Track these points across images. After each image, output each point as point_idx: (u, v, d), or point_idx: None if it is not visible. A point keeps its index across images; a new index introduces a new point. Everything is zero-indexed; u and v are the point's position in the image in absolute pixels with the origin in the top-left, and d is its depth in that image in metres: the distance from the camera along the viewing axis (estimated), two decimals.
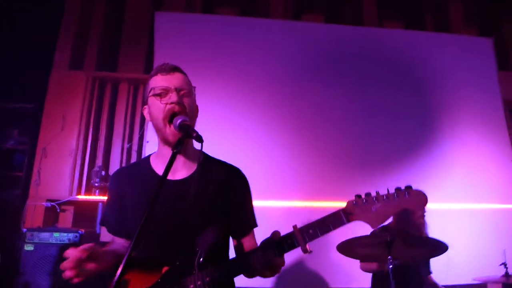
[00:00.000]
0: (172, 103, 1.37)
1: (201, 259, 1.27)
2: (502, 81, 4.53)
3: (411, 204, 1.20)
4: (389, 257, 2.23)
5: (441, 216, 3.55)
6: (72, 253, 1.20)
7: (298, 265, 3.56)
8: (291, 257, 3.76)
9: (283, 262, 1.25)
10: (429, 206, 2.79)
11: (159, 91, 1.40)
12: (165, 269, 1.30)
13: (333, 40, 4.31)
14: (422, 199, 1.20)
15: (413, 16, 4.93)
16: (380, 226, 1.19)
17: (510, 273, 2.62)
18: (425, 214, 2.88)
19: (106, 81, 4.24)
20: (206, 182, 1.41)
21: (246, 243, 1.49)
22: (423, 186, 3.06)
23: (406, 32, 4.68)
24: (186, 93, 1.43)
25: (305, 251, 1.20)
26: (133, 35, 4.40)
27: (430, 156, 4.06)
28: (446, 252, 2.32)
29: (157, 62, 3.92)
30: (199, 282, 1.25)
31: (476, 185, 4.01)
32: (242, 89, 3.97)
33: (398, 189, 1.21)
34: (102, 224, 1.59)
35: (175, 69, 1.46)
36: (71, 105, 4.00)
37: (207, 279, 1.25)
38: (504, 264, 2.62)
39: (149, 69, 4.17)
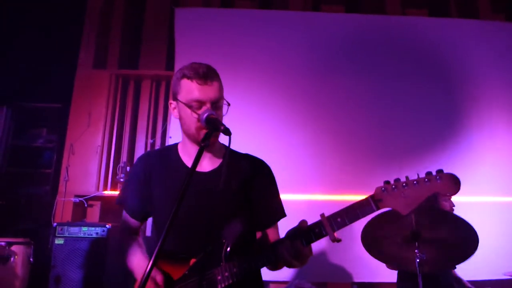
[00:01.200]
0: None
1: (228, 250, 1.27)
2: None
3: (443, 188, 1.12)
4: (416, 251, 2.17)
5: (469, 209, 3.43)
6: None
7: (321, 258, 3.55)
8: (315, 249, 3.73)
9: (311, 252, 1.24)
10: (457, 199, 2.74)
11: (194, 104, 1.36)
12: (192, 261, 1.31)
13: (354, 30, 4.22)
14: (454, 182, 1.11)
15: (437, 2, 4.77)
16: (409, 213, 1.13)
17: None
18: (454, 208, 2.79)
19: (129, 78, 4.33)
20: (232, 175, 1.41)
21: (270, 235, 1.48)
22: None
23: (430, 20, 4.53)
24: (220, 105, 1.40)
25: (333, 240, 1.18)
26: (153, 32, 4.46)
27: (457, 148, 3.94)
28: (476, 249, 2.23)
29: (178, 58, 3.96)
30: (226, 274, 1.26)
31: (505, 177, 3.87)
32: (263, 82, 3.96)
33: (428, 173, 1.14)
34: (119, 203, 1.57)
35: (212, 76, 1.39)
36: (96, 103, 4.11)
37: (234, 270, 1.25)
38: None
39: (170, 66, 4.22)
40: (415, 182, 1.15)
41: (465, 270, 2.92)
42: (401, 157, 3.78)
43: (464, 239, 2.28)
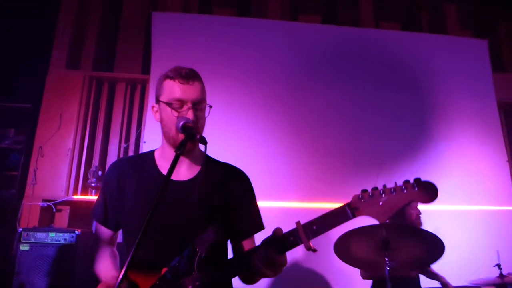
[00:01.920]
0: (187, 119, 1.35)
1: (201, 259, 1.25)
2: (496, 83, 4.57)
3: (420, 196, 1.13)
4: (385, 259, 2.23)
5: (436, 218, 3.57)
6: None
7: (299, 266, 3.57)
8: (292, 259, 3.76)
9: (285, 261, 1.21)
10: (425, 208, 2.83)
11: (176, 104, 1.36)
12: (164, 270, 1.29)
13: (330, 41, 4.32)
14: (432, 190, 1.12)
15: (410, 17, 4.96)
16: (385, 220, 1.13)
17: (504, 274, 2.65)
18: (420, 215, 2.89)
19: (103, 80, 4.23)
20: (209, 184, 1.41)
21: (247, 246, 1.47)
22: None
23: (402, 33, 4.71)
24: (201, 107, 1.41)
25: (308, 248, 1.16)
26: (130, 35, 4.39)
27: (426, 158, 4.08)
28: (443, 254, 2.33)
29: (154, 62, 3.92)
30: (197, 283, 1.23)
31: (471, 187, 4.04)
32: (238, 89, 3.97)
33: (406, 182, 1.14)
34: (93, 215, 1.53)
35: (194, 77, 1.42)
36: (68, 104, 3.99)
37: (206, 279, 1.24)
38: (498, 265, 2.64)
39: (146, 69, 4.16)
40: (392, 190, 1.15)
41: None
42: (374, 166, 3.87)
43: (431, 248, 2.39)
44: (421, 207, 2.89)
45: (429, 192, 1.12)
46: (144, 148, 3.78)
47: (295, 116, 3.99)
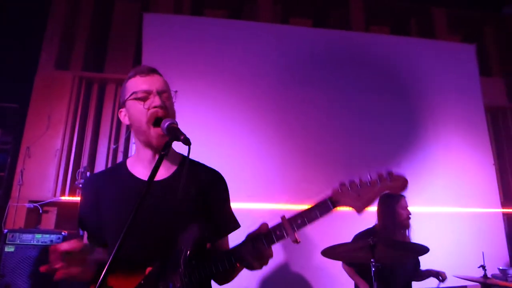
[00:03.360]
0: (155, 106, 1.36)
1: (187, 256, 1.25)
2: (484, 86, 4.65)
3: (393, 188, 1.24)
4: (372, 260, 2.27)
5: (424, 219, 3.62)
6: (64, 245, 1.20)
7: (282, 269, 3.58)
8: (275, 260, 3.75)
9: (271, 254, 1.26)
10: (413, 209, 2.87)
11: (141, 95, 1.38)
12: (148, 269, 1.28)
13: (321, 44, 4.36)
14: (403, 182, 1.24)
15: (399, 21, 5.03)
16: (364, 211, 1.24)
17: (488, 275, 2.68)
18: (410, 216, 2.93)
19: (93, 81, 4.21)
20: (187, 183, 1.40)
21: (223, 245, 1.48)
22: (407, 190, 3.12)
23: (392, 37, 4.78)
24: (168, 96, 1.43)
25: (294, 241, 1.22)
26: (121, 36, 4.38)
27: (414, 160, 4.13)
28: (426, 255, 2.38)
29: (145, 63, 3.90)
30: (185, 279, 1.24)
31: (457, 189, 4.10)
32: (229, 91, 3.98)
33: (380, 175, 1.26)
34: (81, 227, 1.52)
35: (153, 70, 1.45)
36: (57, 105, 3.95)
37: (193, 275, 1.25)
38: (483, 267, 2.68)
39: None
40: (368, 183, 1.25)
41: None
42: (363, 167, 3.90)
43: (416, 252, 2.46)
44: (410, 208, 2.93)
45: (401, 183, 1.25)
46: (133, 149, 3.76)
47: (286, 118, 4.01)
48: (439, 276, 2.89)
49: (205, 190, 1.45)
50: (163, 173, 1.44)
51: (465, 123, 4.41)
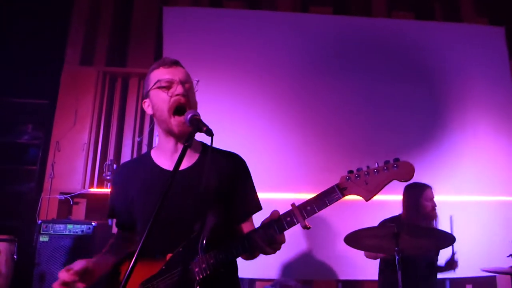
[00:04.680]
0: (177, 94, 1.41)
1: (204, 242, 1.30)
2: None
3: (399, 175, 1.23)
4: (396, 248, 2.25)
5: (451, 208, 3.54)
6: (62, 276, 1.25)
7: (306, 256, 3.61)
8: (299, 248, 3.78)
9: (283, 239, 1.29)
10: (439, 198, 2.82)
11: (164, 84, 1.43)
12: (169, 255, 1.34)
13: (342, 32, 4.28)
14: (409, 169, 1.23)
15: (423, 6, 4.86)
16: (371, 199, 1.24)
17: None
18: (436, 208, 2.88)
19: (116, 76, 4.31)
20: (208, 171, 1.44)
21: (246, 228, 1.51)
22: (433, 178, 3.06)
23: (415, 23, 4.62)
24: (190, 87, 1.47)
25: (304, 227, 1.24)
26: (142, 30, 4.44)
27: (440, 148, 4.03)
28: (454, 244, 2.34)
29: (166, 56, 3.94)
30: (203, 265, 1.29)
31: (485, 177, 3.98)
32: (250, 82, 3.99)
33: (386, 162, 1.25)
34: (111, 216, 1.62)
35: (176, 62, 1.50)
36: (83, 100, 4.08)
37: (211, 261, 1.29)
38: None
39: None
40: (375, 170, 1.25)
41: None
42: (386, 157, 3.82)
43: (441, 241, 2.42)
44: (436, 198, 2.88)
45: (407, 170, 1.23)
46: (157, 141, 3.84)
47: (307, 108, 3.99)
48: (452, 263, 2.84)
49: (226, 176, 1.49)
50: (185, 163, 1.47)
51: (494, 109, 4.25)
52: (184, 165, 1.46)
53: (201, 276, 1.28)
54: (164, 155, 1.49)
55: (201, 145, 1.55)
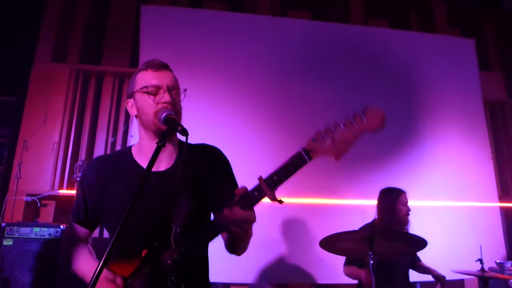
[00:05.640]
0: (164, 102, 1.37)
1: (177, 232, 1.26)
2: (483, 81, 4.65)
3: (369, 126, 1.13)
4: (370, 252, 2.27)
5: (423, 213, 3.63)
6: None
7: (282, 260, 3.60)
8: (276, 252, 3.76)
9: (250, 217, 1.18)
10: (411, 204, 2.88)
11: (151, 89, 1.39)
12: (144, 252, 1.31)
13: (320, 37, 4.33)
14: (378, 115, 1.12)
15: (399, 15, 5.00)
16: (341, 157, 1.12)
17: (486, 269, 2.70)
18: (409, 212, 2.94)
19: (90, 74, 4.17)
20: (186, 169, 1.42)
21: None
22: (405, 184, 3.12)
23: (391, 31, 4.75)
24: (177, 93, 1.44)
25: (273, 198, 1.16)
26: (118, 28, 4.33)
27: (413, 155, 4.13)
28: (425, 248, 2.39)
29: (143, 55, 3.88)
30: (175, 255, 1.26)
31: (456, 184, 4.11)
32: (227, 84, 3.95)
33: (354, 114, 1.14)
34: (72, 217, 1.51)
35: (165, 66, 1.46)
36: (54, 98, 3.92)
37: (182, 250, 1.26)
38: (480, 260, 2.69)
39: (134, 63, 4.13)
40: (342, 125, 1.15)
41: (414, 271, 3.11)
42: (362, 162, 3.88)
43: (414, 245, 2.47)
44: (409, 203, 2.94)
45: (375, 117, 1.12)
46: (132, 142, 3.75)
47: (283, 111, 3.99)
48: (439, 279, 2.89)
49: (202, 170, 1.47)
50: (165, 164, 1.46)
51: (464, 118, 4.41)
52: (164, 166, 1.45)
53: (173, 268, 1.25)
54: (145, 156, 1.44)
55: (178, 144, 1.51)
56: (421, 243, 2.38)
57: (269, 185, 1.17)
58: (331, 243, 2.42)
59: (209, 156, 1.52)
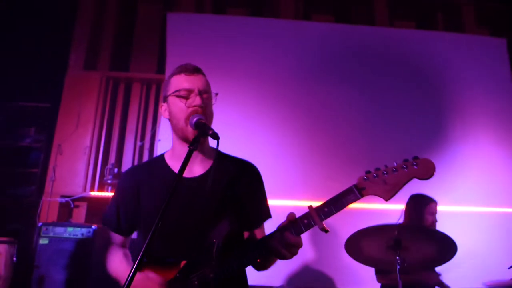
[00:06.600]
0: (195, 105, 1.40)
1: (218, 249, 1.29)
2: None
3: (419, 173, 1.20)
4: (397, 257, 2.22)
5: (452, 219, 3.52)
6: None
7: (310, 265, 3.58)
8: (302, 256, 3.75)
9: (300, 243, 1.26)
10: (440, 209, 2.79)
11: (183, 93, 1.42)
12: (183, 263, 1.32)
13: (344, 40, 4.30)
14: (429, 167, 1.19)
15: (425, 16, 4.89)
16: (391, 198, 1.19)
17: None
18: (436, 223, 2.87)
19: (119, 81, 4.33)
20: (221, 178, 1.44)
21: (259, 234, 1.51)
22: (435, 188, 3.04)
23: (417, 32, 4.64)
24: (208, 96, 1.47)
25: (322, 229, 1.22)
26: (145, 36, 4.49)
27: (442, 159, 4.00)
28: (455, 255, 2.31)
29: (169, 62, 3.99)
30: (218, 271, 1.28)
31: (487, 189, 3.95)
32: (251, 89, 3.99)
33: (406, 160, 1.22)
34: (104, 223, 1.56)
35: (198, 70, 1.49)
36: (86, 104, 4.10)
37: (225, 266, 1.28)
38: None
39: (161, 70, 4.25)
40: (394, 169, 1.23)
41: (446, 279, 3.01)
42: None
43: (443, 249, 2.38)
44: (438, 208, 2.86)
45: (427, 168, 1.20)
46: (159, 146, 3.85)
47: (307, 115, 3.99)
48: None
49: (234, 183, 1.49)
50: (198, 170, 1.48)
51: (495, 120, 4.24)
52: (198, 171, 1.47)
53: (216, 283, 1.27)
54: (178, 161, 1.45)
55: (215, 152, 1.52)
56: (450, 244, 2.29)
57: (319, 215, 1.24)
58: (356, 247, 2.37)
59: (246, 172, 1.54)
